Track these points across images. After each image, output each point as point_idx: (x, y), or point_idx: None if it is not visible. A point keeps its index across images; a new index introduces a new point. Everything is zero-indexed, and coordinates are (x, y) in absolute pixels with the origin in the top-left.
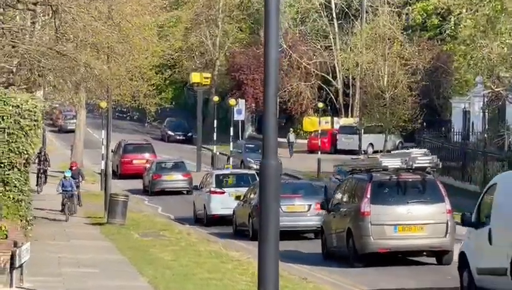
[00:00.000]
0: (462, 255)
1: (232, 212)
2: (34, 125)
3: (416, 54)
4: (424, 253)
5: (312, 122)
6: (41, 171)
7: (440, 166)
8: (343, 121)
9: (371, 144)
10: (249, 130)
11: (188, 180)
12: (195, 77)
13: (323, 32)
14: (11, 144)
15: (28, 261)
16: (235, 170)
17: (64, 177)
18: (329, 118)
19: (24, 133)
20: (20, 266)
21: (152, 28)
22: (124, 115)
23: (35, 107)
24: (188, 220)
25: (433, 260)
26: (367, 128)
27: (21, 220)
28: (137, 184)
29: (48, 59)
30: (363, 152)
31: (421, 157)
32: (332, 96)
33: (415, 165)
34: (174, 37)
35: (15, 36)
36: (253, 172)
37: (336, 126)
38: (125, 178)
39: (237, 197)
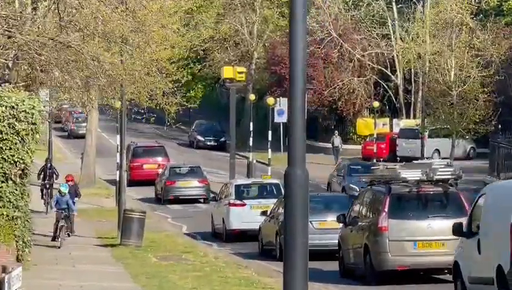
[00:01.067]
0: (456, 265)
1: (257, 228)
2: (32, 129)
3: (490, 43)
4: (446, 271)
5: (367, 125)
6: (47, 186)
7: (462, 177)
8: (403, 123)
9: (437, 150)
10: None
11: (205, 187)
12: (227, 72)
13: (380, 18)
14: (5, 151)
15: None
16: (257, 180)
17: (59, 192)
18: (387, 120)
19: (20, 138)
20: None
21: (172, 15)
22: (139, 117)
23: (33, 108)
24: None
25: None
26: (433, 131)
27: (16, 241)
28: (149, 192)
29: (50, 52)
30: (426, 159)
31: (442, 168)
32: (391, 94)
33: (435, 177)
34: (204, 25)
35: (11, 25)
36: (278, 181)
37: (396, 129)
38: (135, 185)
39: (263, 213)
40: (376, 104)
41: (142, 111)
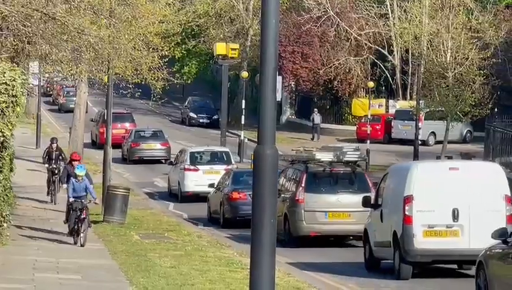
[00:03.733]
0: (365, 232)
1: (209, 190)
2: (12, 102)
3: (488, 25)
4: (351, 237)
5: (363, 106)
6: (55, 172)
7: (367, 160)
8: (400, 104)
9: (433, 133)
10: (287, 114)
11: (167, 149)
12: (220, 48)
13: None
14: None
15: None
16: (210, 148)
17: (75, 176)
18: (383, 101)
19: (0, 111)
20: None
21: None
22: (125, 92)
23: (14, 80)
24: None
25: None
26: (429, 114)
27: None
28: (117, 153)
29: (36, 23)
30: (419, 142)
31: (350, 152)
32: (388, 75)
33: (344, 159)
34: (200, 0)
35: None
36: (228, 150)
37: (392, 111)
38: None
39: (211, 185)
40: (371, 84)
41: (130, 86)
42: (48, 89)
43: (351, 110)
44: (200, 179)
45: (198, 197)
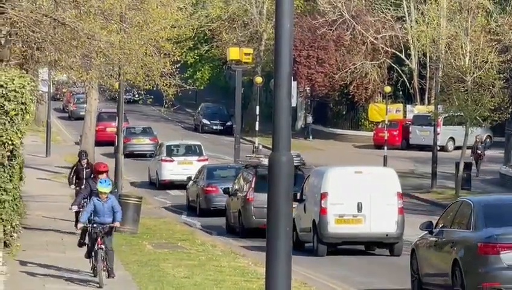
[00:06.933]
0: (293, 221)
1: (183, 179)
2: (22, 109)
3: (508, 27)
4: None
5: (380, 111)
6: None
7: (305, 166)
8: (418, 109)
9: (452, 139)
10: (308, 120)
11: (155, 144)
12: (233, 53)
13: (395, 0)
14: None
15: (5, 275)
16: (184, 141)
17: (98, 194)
18: (401, 106)
19: (9, 119)
20: None
21: None
22: (136, 98)
23: (23, 88)
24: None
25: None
26: (447, 119)
27: (4, 226)
28: (110, 149)
29: (45, 29)
30: (438, 148)
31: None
32: (405, 79)
33: None
34: (212, 4)
35: (4, 0)
36: (200, 143)
37: (410, 116)
38: (99, 145)
39: (188, 178)
40: (388, 89)
41: (142, 92)
42: (57, 94)
43: (367, 116)
44: (175, 169)
45: (173, 185)
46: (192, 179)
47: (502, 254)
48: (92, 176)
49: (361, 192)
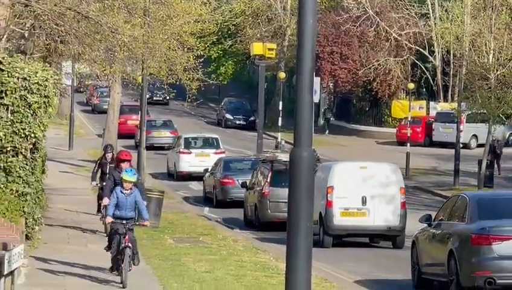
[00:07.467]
0: None
1: (200, 170)
2: (44, 102)
3: None
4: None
5: (403, 107)
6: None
7: (320, 161)
8: (441, 106)
9: (475, 136)
10: (328, 115)
11: (175, 137)
12: (257, 48)
13: None
14: (16, 124)
15: (26, 267)
16: (202, 134)
17: (122, 183)
18: (424, 103)
19: (32, 111)
20: (11, 273)
21: None
22: (158, 93)
23: (46, 80)
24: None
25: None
26: (470, 116)
27: (26, 218)
28: (131, 142)
29: (69, 22)
30: (461, 146)
31: None
32: (429, 76)
33: None
34: None
35: None
36: (218, 136)
37: (433, 113)
38: (120, 138)
39: (205, 170)
40: (411, 85)
41: (164, 87)
42: (80, 87)
43: (390, 112)
44: (193, 161)
45: (190, 177)
46: (209, 171)
47: (494, 245)
48: (115, 166)
49: (366, 186)
